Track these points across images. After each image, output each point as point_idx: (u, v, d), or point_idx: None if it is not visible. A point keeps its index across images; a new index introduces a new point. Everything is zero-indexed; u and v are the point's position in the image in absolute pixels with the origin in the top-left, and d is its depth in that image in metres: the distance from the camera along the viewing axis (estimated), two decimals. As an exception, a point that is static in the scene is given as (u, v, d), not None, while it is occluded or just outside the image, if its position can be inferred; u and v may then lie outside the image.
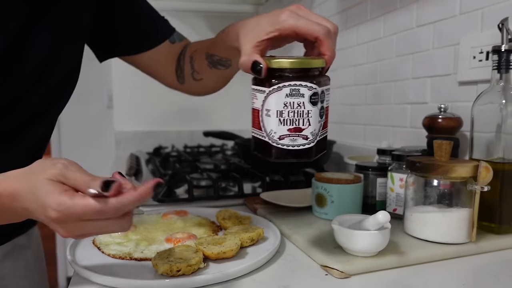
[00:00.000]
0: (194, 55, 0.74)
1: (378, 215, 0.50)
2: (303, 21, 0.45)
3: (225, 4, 2.00)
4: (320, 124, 0.43)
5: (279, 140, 0.43)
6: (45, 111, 0.64)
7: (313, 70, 0.44)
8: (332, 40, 0.45)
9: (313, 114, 0.42)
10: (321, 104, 0.43)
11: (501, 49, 0.64)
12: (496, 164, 0.62)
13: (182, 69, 0.76)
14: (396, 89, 1.03)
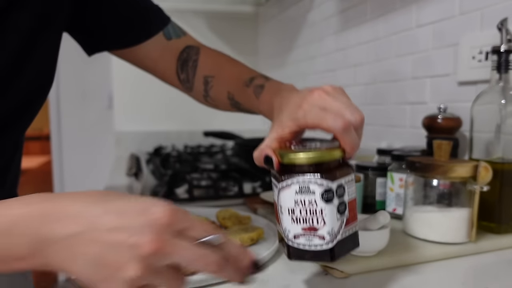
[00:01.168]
0: (212, 82, 0.67)
1: (378, 215, 0.50)
2: (321, 116, 0.41)
3: (225, 4, 2.00)
4: (341, 221, 0.38)
5: (294, 239, 0.40)
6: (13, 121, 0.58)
7: (325, 164, 0.39)
8: (349, 134, 0.40)
9: (328, 212, 0.38)
10: (340, 199, 0.38)
11: (500, 50, 0.64)
12: (496, 164, 0.62)
13: (190, 81, 0.70)
14: (395, 89, 1.03)
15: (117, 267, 0.30)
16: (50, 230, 0.30)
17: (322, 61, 1.42)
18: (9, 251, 0.31)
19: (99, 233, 0.30)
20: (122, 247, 0.30)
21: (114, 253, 0.30)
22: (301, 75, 1.61)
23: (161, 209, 0.31)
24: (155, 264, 0.30)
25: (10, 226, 0.31)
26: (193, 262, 0.32)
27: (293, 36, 1.66)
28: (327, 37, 1.38)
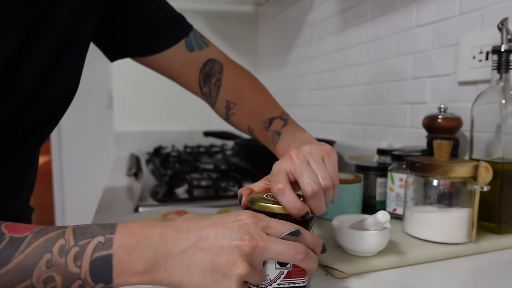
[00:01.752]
0: (233, 109, 0.69)
1: (378, 215, 0.50)
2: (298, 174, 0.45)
3: (225, 4, 2.00)
4: (279, 272, 0.40)
5: None
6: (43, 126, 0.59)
7: (278, 216, 0.42)
8: (316, 200, 0.44)
9: None
10: None
11: (500, 49, 0.64)
12: (496, 164, 0.62)
13: (212, 97, 0.71)
14: (396, 89, 1.03)
15: (228, 268, 0.35)
16: (169, 247, 0.36)
17: (322, 61, 1.42)
18: (131, 265, 0.35)
19: (208, 242, 0.36)
20: (228, 250, 0.36)
21: (223, 256, 0.35)
22: (301, 75, 1.61)
23: (245, 214, 0.38)
24: (256, 259, 0.37)
25: (135, 244, 0.36)
26: (285, 253, 0.38)
27: (293, 36, 1.66)
28: (327, 37, 1.37)
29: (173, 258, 0.36)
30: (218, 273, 0.35)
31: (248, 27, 2.14)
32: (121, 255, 0.35)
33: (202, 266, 0.35)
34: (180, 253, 0.36)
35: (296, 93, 1.66)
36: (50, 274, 0.34)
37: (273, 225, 0.39)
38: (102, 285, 0.35)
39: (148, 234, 0.36)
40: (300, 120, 1.76)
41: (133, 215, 0.72)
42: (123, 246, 0.35)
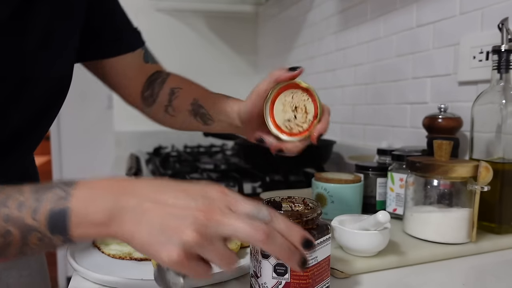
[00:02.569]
0: (178, 92, 0.70)
1: (378, 215, 0.50)
2: None
3: (225, 4, 2.00)
4: (276, 282, 0.39)
5: (251, 277, 0.43)
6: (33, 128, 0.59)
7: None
8: None
9: (264, 266, 0.40)
10: (278, 261, 0.39)
11: (501, 49, 0.64)
12: (496, 164, 0.62)
13: (154, 94, 0.72)
14: (396, 89, 1.03)
15: (176, 232, 0.33)
16: (126, 202, 0.35)
17: (322, 61, 1.42)
18: (88, 217, 0.35)
19: (164, 203, 0.35)
20: (182, 216, 0.34)
21: (175, 220, 0.34)
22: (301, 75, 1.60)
23: (214, 187, 0.36)
24: (208, 232, 0.34)
25: (93, 197, 0.36)
26: (242, 230, 0.34)
27: (293, 36, 1.66)
28: (327, 37, 1.37)
29: (128, 213, 0.35)
30: (164, 235, 0.34)
31: (248, 27, 2.14)
32: (79, 207, 0.35)
33: (152, 224, 0.34)
34: (136, 207, 0.35)
35: (296, 93, 1.66)
36: (8, 229, 0.34)
37: (240, 203, 0.36)
38: (61, 237, 0.35)
39: (108, 188, 0.36)
40: (300, 120, 1.73)
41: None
42: (81, 198, 0.35)
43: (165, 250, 0.33)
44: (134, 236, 0.35)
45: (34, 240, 0.35)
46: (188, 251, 0.34)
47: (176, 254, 0.33)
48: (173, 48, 2.02)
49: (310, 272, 0.39)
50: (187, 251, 0.33)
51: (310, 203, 0.44)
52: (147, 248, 0.34)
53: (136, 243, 0.35)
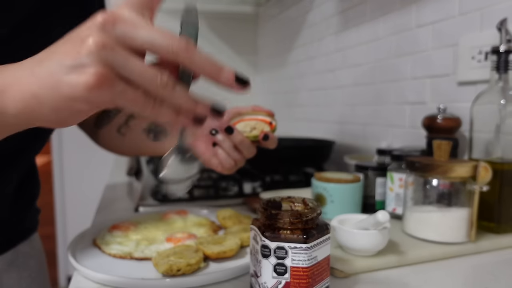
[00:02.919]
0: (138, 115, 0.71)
1: (378, 215, 0.50)
2: None
3: (225, 5, 2.00)
4: (276, 281, 0.39)
5: (251, 276, 0.43)
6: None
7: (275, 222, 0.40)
8: None
9: (264, 266, 0.40)
10: (278, 261, 0.39)
11: (500, 50, 0.64)
12: (495, 164, 0.62)
13: (112, 115, 0.71)
14: (395, 89, 1.04)
15: (77, 50, 0.27)
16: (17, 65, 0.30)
17: (322, 61, 1.42)
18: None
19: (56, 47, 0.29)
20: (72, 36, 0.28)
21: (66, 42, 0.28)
22: (301, 75, 1.61)
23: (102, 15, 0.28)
24: (114, 34, 0.27)
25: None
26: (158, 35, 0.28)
27: (293, 36, 1.67)
28: (327, 37, 1.38)
29: (21, 69, 0.30)
30: (64, 65, 0.27)
31: (248, 27, 2.14)
32: None
33: (47, 64, 0.28)
34: (26, 64, 0.30)
35: (296, 93, 1.66)
36: None
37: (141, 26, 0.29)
38: None
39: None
40: (300, 120, 1.76)
41: (133, 215, 0.72)
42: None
43: (80, 78, 0.26)
44: (33, 90, 0.28)
45: None
46: (106, 63, 0.26)
47: (93, 72, 0.26)
48: (173, 48, 2.02)
49: (310, 271, 0.39)
50: (105, 64, 0.26)
51: (310, 203, 0.44)
52: (57, 92, 0.27)
53: (43, 96, 0.28)
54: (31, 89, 0.28)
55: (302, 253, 0.39)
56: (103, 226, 0.65)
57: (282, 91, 1.83)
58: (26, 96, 0.29)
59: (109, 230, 0.62)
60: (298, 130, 1.64)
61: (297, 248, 0.39)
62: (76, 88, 0.27)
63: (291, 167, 1.03)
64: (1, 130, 0.31)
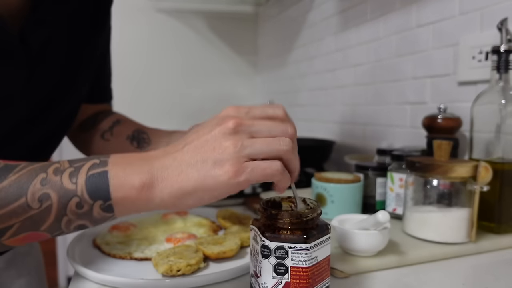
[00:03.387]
0: (124, 122, 0.73)
1: (378, 215, 0.50)
2: None
3: (225, 5, 2.00)
4: (276, 282, 0.39)
5: (251, 276, 0.43)
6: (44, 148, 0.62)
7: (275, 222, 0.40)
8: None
9: (264, 266, 0.40)
10: (278, 261, 0.39)
11: (500, 50, 0.64)
12: (496, 164, 0.62)
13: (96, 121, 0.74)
14: (395, 89, 1.03)
15: (216, 152, 0.35)
16: (162, 161, 0.36)
17: (322, 61, 1.42)
18: (127, 179, 0.35)
19: (193, 144, 0.36)
20: (212, 137, 0.35)
21: (209, 145, 0.35)
22: (301, 75, 1.61)
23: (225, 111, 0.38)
24: (242, 134, 0.36)
25: (129, 162, 0.36)
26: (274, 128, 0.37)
27: (293, 36, 1.66)
28: (327, 37, 1.38)
29: (166, 169, 0.35)
30: (208, 162, 0.34)
31: (248, 27, 2.14)
32: (117, 171, 0.35)
33: (193, 163, 0.35)
34: (172, 162, 0.35)
35: (296, 93, 1.66)
36: (45, 191, 0.33)
37: (255, 109, 0.38)
38: (101, 202, 0.34)
39: (139, 157, 0.37)
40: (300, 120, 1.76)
41: (133, 215, 0.72)
42: (117, 163, 0.36)
43: (219, 170, 0.34)
44: (182, 185, 0.35)
45: (73, 207, 0.34)
46: (238, 157, 0.34)
47: (230, 166, 0.34)
48: (173, 48, 2.02)
49: (310, 272, 0.39)
50: (238, 158, 0.34)
51: (310, 203, 0.44)
52: (202, 185, 0.34)
53: (189, 189, 0.35)
54: (180, 184, 0.35)
55: (302, 253, 0.39)
56: (103, 226, 0.65)
57: (282, 91, 1.83)
58: (173, 190, 0.35)
59: (109, 230, 0.62)
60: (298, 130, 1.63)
61: (297, 248, 0.38)
62: (220, 178, 0.34)
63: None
64: (135, 211, 0.36)
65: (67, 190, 0.34)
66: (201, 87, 2.04)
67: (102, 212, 0.35)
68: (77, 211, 0.34)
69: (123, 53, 1.96)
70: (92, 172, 0.35)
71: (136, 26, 1.97)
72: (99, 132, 0.72)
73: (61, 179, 0.34)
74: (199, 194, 0.35)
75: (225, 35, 2.08)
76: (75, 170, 0.35)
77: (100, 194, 0.34)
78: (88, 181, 0.34)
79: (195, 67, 2.06)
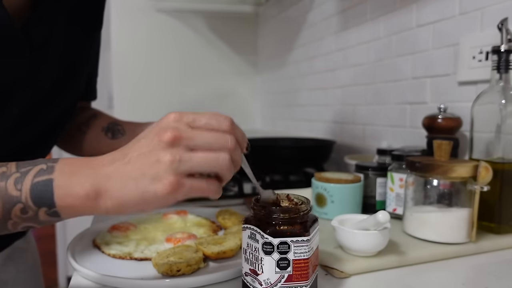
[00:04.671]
0: (100, 116, 0.76)
1: (378, 215, 0.50)
2: None
3: (225, 4, 2.00)
4: (279, 276, 0.40)
5: (244, 275, 0.44)
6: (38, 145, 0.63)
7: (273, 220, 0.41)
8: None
9: (266, 263, 0.40)
10: (281, 256, 0.40)
11: (500, 49, 0.64)
12: (496, 164, 0.62)
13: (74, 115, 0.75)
14: (395, 89, 1.03)
15: (153, 168, 0.35)
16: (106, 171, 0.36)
17: (322, 61, 1.42)
18: (71, 188, 0.35)
19: (132, 155, 0.36)
20: (149, 151, 0.36)
21: (147, 159, 0.35)
22: (301, 75, 1.61)
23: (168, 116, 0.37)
24: (182, 149, 0.36)
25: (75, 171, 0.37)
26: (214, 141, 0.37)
27: (293, 36, 1.66)
28: (327, 37, 1.37)
29: (110, 180, 0.36)
30: (147, 176, 0.35)
31: (248, 27, 2.14)
32: (62, 180, 0.35)
33: (133, 176, 0.35)
34: (115, 173, 0.36)
35: (296, 93, 1.66)
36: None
37: (199, 119, 0.37)
38: (46, 209, 0.35)
39: (88, 163, 0.38)
40: (300, 120, 1.76)
41: (133, 215, 0.72)
42: (63, 172, 0.36)
43: (157, 184, 0.35)
44: (124, 199, 0.35)
45: (17, 212, 0.35)
46: (176, 173, 0.35)
47: (168, 183, 0.34)
48: (173, 48, 2.02)
49: (310, 262, 0.41)
50: (176, 174, 0.35)
51: (295, 198, 0.46)
52: (142, 197, 0.35)
53: (130, 203, 0.35)
54: (122, 198, 0.35)
55: (303, 245, 0.41)
56: (103, 226, 0.65)
57: (282, 91, 1.83)
58: (117, 202, 0.36)
59: (109, 230, 0.62)
60: (298, 130, 1.64)
61: (298, 241, 0.40)
62: (157, 194, 0.35)
63: (291, 167, 1.03)
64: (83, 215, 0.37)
65: (11, 196, 0.35)
66: (201, 87, 2.04)
67: (48, 217, 0.36)
68: (22, 216, 0.35)
69: (123, 52, 1.96)
70: (38, 179, 0.35)
71: (136, 25, 1.97)
72: (75, 125, 0.75)
73: (6, 185, 0.35)
74: (140, 207, 0.36)
75: (225, 35, 2.08)
76: (21, 176, 0.35)
77: (45, 202, 0.35)
78: (32, 189, 0.35)
79: (195, 67, 2.06)
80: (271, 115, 1.98)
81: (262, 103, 2.11)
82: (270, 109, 2.00)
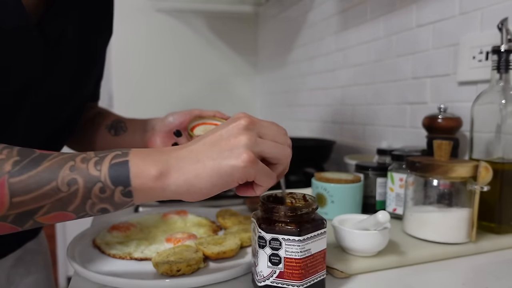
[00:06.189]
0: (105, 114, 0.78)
1: (378, 215, 0.50)
2: None
3: (225, 4, 2.00)
4: (271, 271, 0.41)
5: (252, 265, 0.46)
6: None
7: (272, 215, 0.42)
8: None
9: (261, 256, 0.42)
10: (273, 251, 0.41)
11: (500, 49, 0.64)
12: (496, 164, 0.62)
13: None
14: (396, 89, 1.03)
15: (232, 143, 0.38)
16: (179, 153, 0.39)
17: (322, 61, 1.42)
18: (146, 167, 0.38)
19: (209, 138, 0.40)
20: (227, 131, 0.39)
21: (225, 138, 0.39)
22: (301, 75, 1.61)
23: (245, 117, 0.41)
24: (255, 132, 0.39)
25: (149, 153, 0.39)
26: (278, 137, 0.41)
27: (293, 36, 1.66)
28: (327, 37, 1.37)
29: (183, 159, 0.39)
30: (225, 151, 0.38)
31: (248, 27, 2.14)
32: (136, 160, 0.38)
33: (209, 153, 0.38)
34: (189, 153, 0.39)
35: (296, 93, 1.66)
36: (73, 177, 0.37)
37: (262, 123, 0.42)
38: (121, 188, 0.38)
39: (159, 149, 0.41)
40: (300, 120, 1.76)
41: (133, 215, 0.72)
42: (137, 155, 0.39)
43: (235, 158, 0.37)
44: (198, 172, 0.38)
45: (96, 192, 0.37)
46: (252, 149, 0.38)
47: (245, 154, 0.37)
48: (173, 48, 2.02)
49: (303, 263, 0.41)
50: (252, 150, 0.38)
51: (309, 199, 0.47)
52: (218, 171, 0.37)
53: (204, 175, 0.38)
54: (196, 171, 0.38)
55: (295, 245, 0.41)
56: (103, 226, 0.65)
57: (282, 91, 1.83)
58: (190, 177, 0.38)
59: (109, 230, 0.62)
60: (298, 130, 1.64)
61: (290, 240, 0.41)
62: (234, 166, 0.37)
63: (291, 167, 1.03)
64: (152, 199, 0.39)
65: (92, 176, 0.37)
66: (201, 87, 2.04)
67: (122, 197, 0.38)
68: (100, 195, 0.37)
69: (123, 52, 1.96)
70: (115, 161, 0.38)
71: (136, 25, 1.97)
72: (81, 123, 0.75)
73: (87, 166, 0.38)
74: (213, 180, 0.38)
75: (225, 35, 2.08)
76: (99, 159, 0.38)
77: (121, 180, 0.37)
78: (110, 169, 0.37)
79: (195, 67, 2.06)
80: (271, 115, 1.98)
81: (262, 103, 2.11)
82: (270, 109, 2.00)
